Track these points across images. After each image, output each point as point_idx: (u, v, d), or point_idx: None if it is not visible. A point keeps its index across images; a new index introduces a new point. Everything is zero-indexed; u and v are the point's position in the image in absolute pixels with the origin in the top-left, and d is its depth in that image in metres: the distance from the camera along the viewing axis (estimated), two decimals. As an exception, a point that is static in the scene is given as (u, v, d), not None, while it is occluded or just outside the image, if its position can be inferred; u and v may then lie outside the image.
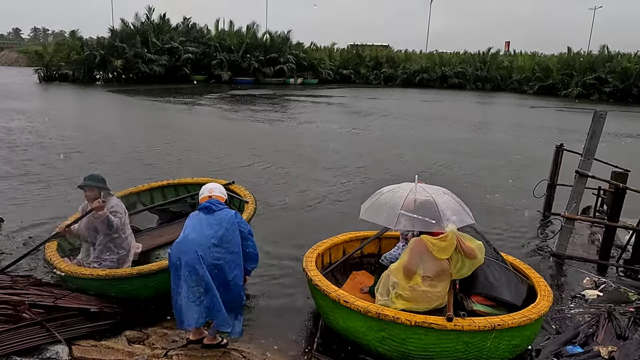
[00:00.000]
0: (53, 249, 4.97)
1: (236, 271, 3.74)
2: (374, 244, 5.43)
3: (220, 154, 12.57)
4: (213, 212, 3.85)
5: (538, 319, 3.79)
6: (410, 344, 3.74)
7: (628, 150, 15.40)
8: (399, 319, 3.68)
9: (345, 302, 3.90)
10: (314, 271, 4.41)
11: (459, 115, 25.29)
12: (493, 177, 11.13)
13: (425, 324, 3.62)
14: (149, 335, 4.20)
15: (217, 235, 3.69)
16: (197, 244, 3.64)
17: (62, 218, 7.06)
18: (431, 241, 3.96)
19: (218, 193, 4.09)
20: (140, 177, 9.41)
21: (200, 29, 50.01)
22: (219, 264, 3.64)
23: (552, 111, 29.81)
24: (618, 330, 4.49)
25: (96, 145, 13.25)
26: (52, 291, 4.45)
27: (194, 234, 3.72)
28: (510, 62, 50.21)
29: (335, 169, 11.34)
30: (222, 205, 3.94)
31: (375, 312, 3.75)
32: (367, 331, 3.90)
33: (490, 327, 3.61)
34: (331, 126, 18.80)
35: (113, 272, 4.55)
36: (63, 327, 3.82)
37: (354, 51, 55.40)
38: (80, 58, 41.06)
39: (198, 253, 3.59)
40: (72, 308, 4.08)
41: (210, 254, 3.63)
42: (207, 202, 3.93)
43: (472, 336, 3.65)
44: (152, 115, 21.23)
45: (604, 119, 6.03)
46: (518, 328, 3.72)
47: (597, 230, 7.62)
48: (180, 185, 6.79)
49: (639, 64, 40.61)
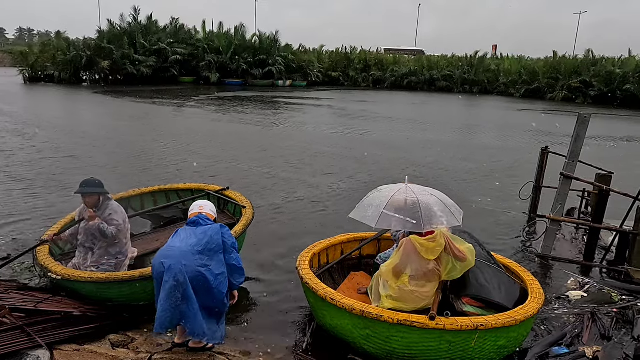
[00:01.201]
0: (45, 253, 4.84)
1: (220, 278, 3.71)
2: (373, 245, 5.42)
3: (209, 157, 12.49)
4: (201, 225, 3.86)
5: (524, 320, 3.79)
6: (394, 342, 3.77)
7: (612, 153, 15.63)
8: (382, 317, 3.71)
9: (332, 299, 3.93)
10: (305, 269, 4.44)
11: (447, 118, 25.48)
12: (479, 179, 11.22)
13: (407, 322, 3.65)
14: (134, 339, 4.15)
15: (201, 242, 3.69)
16: (180, 252, 3.62)
17: (46, 220, 7.02)
18: (419, 241, 3.98)
19: (208, 210, 4.07)
20: (130, 181, 9.31)
21: (189, 30, 49.73)
22: (202, 271, 3.62)
23: (538, 114, 30.17)
24: (602, 330, 4.55)
25: (82, 148, 13.10)
26: (35, 295, 4.38)
27: (179, 243, 3.71)
28: (498, 66, 50.75)
29: (326, 171, 11.33)
30: (210, 222, 3.94)
31: (360, 309, 3.78)
32: (352, 329, 3.93)
33: (473, 327, 3.62)
34: (321, 129, 18.79)
35: (114, 275, 4.46)
36: (44, 331, 3.76)
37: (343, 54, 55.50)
38: (66, 59, 40.56)
39: (182, 262, 3.56)
40: (54, 312, 4.01)
41: (194, 261, 3.61)
42: (195, 217, 3.93)
43: (455, 335, 3.66)
44: (140, 118, 21.03)
45: (588, 122, 6.11)
46: (502, 329, 3.73)
47: (581, 231, 7.71)
48: (171, 191, 6.70)
49: (623, 68, 41.27)
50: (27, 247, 5.19)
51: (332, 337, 4.24)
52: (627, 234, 6.19)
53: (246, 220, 5.42)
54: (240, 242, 5.31)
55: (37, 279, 5.01)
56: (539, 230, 7.54)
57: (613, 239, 6.52)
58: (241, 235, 5.30)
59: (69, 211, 5.71)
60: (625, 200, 6.39)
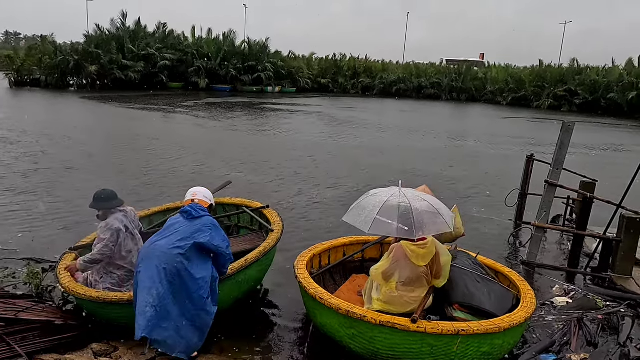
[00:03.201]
0: (68, 261, 4.62)
1: (200, 282, 3.63)
2: (376, 248, 5.43)
3: (200, 163, 12.42)
4: (193, 218, 3.78)
5: (509, 328, 3.79)
6: (378, 342, 3.81)
7: (596, 161, 15.85)
8: (366, 317, 3.76)
9: (321, 299, 4.00)
10: (301, 269, 4.51)
11: (435, 125, 25.66)
12: (466, 186, 11.29)
13: (389, 324, 3.70)
14: (117, 348, 4.08)
15: (187, 246, 3.62)
16: (161, 252, 3.55)
17: (31, 230, 6.93)
18: (410, 248, 4.03)
19: (201, 197, 4.02)
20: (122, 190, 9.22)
21: (177, 35, 49.61)
22: (183, 274, 3.55)
23: (524, 122, 30.53)
24: (589, 337, 4.59)
25: (71, 155, 12.94)
26: (16, 304, 4.29)
27: (163, 241, 3.63)
28: (485, 74, 51.37)
29: (316, 178, 11.32)
30: (204, 212, 3.87)
31: (345, 309, 3.84)
32: (339, 328, 4.00)
33: (454, 331, 3.64)
34: (311, 135, 18.80)
35: (104, 296, 4.08)
36: (25, 340, 3.69)
37: (332, 60, 55.74)
38: (53, 63, 40.16)
39: (161, 265, 3.50)
40: (35, 321, 3.94)
41: (175, 263, 3.53)
42: (188, 206, 3.85)
43: (436, 339, 3.68)
44: (128, 123, 20.88)
45: (572, 130, 6.19)
46: (486, 335, 3.74)
47: (566, 238, 7.79)
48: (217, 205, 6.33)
49: (607, 77, 42.01)
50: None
51: (329, 338, 4.28)
52: (611, 241, 6.28)
53: (264, 248, 4.78)
54: (260, 269, 4.97)
55: (26, 287, 4.93)
56: (525, 237, 7.61)
57: (597, 245, 6.60)
58: (254, 264, 4.67)
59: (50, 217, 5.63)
60: (609, 208, 6.48)
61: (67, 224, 7.32)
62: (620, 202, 6.35)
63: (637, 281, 5.98)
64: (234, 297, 4.64)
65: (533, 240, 6.49)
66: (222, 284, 4.19)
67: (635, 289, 5.79)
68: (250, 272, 4.67)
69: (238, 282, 4.53)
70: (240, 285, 4.61)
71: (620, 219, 6.18)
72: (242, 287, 4.68)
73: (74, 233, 6.85)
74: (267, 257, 4.99)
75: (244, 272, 4.50)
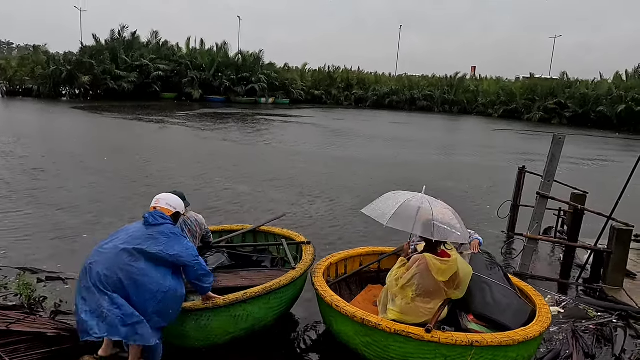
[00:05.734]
0: None
1: (159, 297, 3.48)
2: (393, 259, 5.39)
3: (194, 175, 12.39)
4: (149, 225, 3.65)
5: (524, 341, 3.78)
6: (392, 351, 3.84)
7: (586, 173, 16.04)
8: (380, 326, 3.80)
9: (337, 306, 4.06)
10: (318, 277, 4.58)
11: (428, 137, 25.85)
12: (459, 198, 11.35)
13: (403, 333, 3.73)
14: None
15: (133, 249, 3.48)
16: (108, 256, 3.44)
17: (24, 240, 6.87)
18: (433, 261, 4.04)
19: (164, 205, 3.85)
20: (115, 204, 9.19)
21: (172, 46, 49.80)
22: (126, 283, 3.41)
23: (515, 134, 30.85)
24: (586, 349, 4.62)
25: (63, 167, 12.88)
26: (8, 315, 4.25)
27: (110, 245, 3.52)
28: (476, 87, 51.99)
29: (306, 190, 11.34)
30: (164, 220, 3.71)
31: (360, 317, 3.89)
32: (354, 335, 4.05)
33: (468, 342, 3.65)
34: (305, 146, 18.88)
35: None
36: (16, 352, 3.65)
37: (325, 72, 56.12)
38: (45, 73, 40.09)
39: (102, 271, 3.38)
40: (26, 332, 3.90)
41: (121, 265, 3.42)
42: (147, 213, 3.75)
43: (450, 349, 3.69)
44: (120, 134, 20.83)
45: (562, 142, 6.27)
46: (500, 348, 3.73)
47: (558, 250, 7.86)
48: (259, 233, 5.88)
49: (596, 91, 42.68)
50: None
51: (344, 346, 4.30)
52: (602, 252, 6.34)
53: (271, 285, 4.28)
54: (268, 308, 4.38)
55: (17, 298, 4.87)
56: (517, 249, 7.65)
57: (588, 257, 6.67)
58: (256, 300, 4.20)
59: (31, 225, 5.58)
60: (600, 219, 6.56)
61: (58, 235, 7.26)
62: (611, 214, 6.43)
63: (628, 292, 6.03)
64: (228, 333, 4.14)
65: (525, 251, 6.53)
66: (215, 314, 3.96)
67: (626, 299, 5.84)
68: (251, 309, 4.17)
69: (233, 317, 4.09)
70: (236, 321, 4.12)
71: (611, 231, 6.25)
72: (239, 324, 4.15)
73: (67, 242, 6.83)
74: (278, 297, 4.42)
75: (240, 306, 4.08)
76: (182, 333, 3.98)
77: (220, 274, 4.83)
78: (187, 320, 3.94)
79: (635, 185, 6.91)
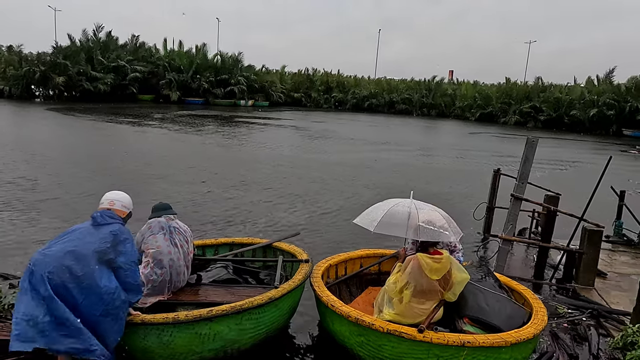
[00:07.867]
0: None
1: (103, 303, 3.36)
2: (393, 261, 5.41)
3: (172, 181, 12.23)
4: (97, 225, 3.53)
5: (516, 343, 3.79)
6: (386, 350, 3.87)
7: (559, 175, 16.40)
8: (374, 325, 3.83)
9: (332, 306, 4.12)
10: (317, 278, 4.63)
11: (406, 140, 26.07)
12: (436, 199, 11.44)
13: (396, 332, 3.76)
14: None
15: (81, 253, 3.36)
16: (54, 257, 3.30)
17: None
18: (426, 260, 4.14)
19: (119, 207, 3.73)
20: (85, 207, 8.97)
21: (149, 48, 49.18)
22: (70, 286, 3.27)
23: (491, 137, 31.38)
24: (568, 349, 4.69)
25: (32, 169, 12.54)
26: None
27: (56, 247, 3.38)
28: (454, 90, 52.78)
29: (287, 194, 11.30)
30: (113, 219, 3.60)
31: (355, 317, 3.94)
32: (349, 335, 4.09)
33: (459, 343, 3.67)
34: (284, 150, 18.82)
35: None
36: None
37: (305, 75, 56.20)
38: (17, 73, 39.10)
39: (45, 274, 3.22)
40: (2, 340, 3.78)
41: (64, 268, 3.27)
42: (98, 212, 3.62)
43: (442, 350, 3.71)
44: (94, 136, 20.45)
45: (535, 145, 6.39)
46: (492, 349, 3.74)
47: (532, 250, 8.00)
48: (269, 247, 5.64)
49: (570, 95, 43.77)
50: None
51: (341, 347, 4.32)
52: (574, 252, 6.48)
53: (244, 303, 3.93)
54: (240, 330, 4.02)
55: None
56: (492, 249, 7.77)
57: (561, 257, 6.80)
58: (226, 319, 3.89)
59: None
60: (572, 221, 6.70)
61: (24, 239, 7.07)
62: (582, 215, 6.58)
63: (599, 291, 6.18)
64: (195, 353, 3.85)
65: (500, 252, 6.63)
66: (178, 330, 3.72)
67: (597, 299, 5.98)
68: (219, 328, 3.84)
69: (199, 335, 3.79)
70: (202, 340, 3.81)
71: (583, 232, 6.40)
72: (205, 344, 3.83)
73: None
74: (253, 318, 4.02)
75: (206, 324, 3.78)
76: (145, 348, 3.78)
77: (213, 288, 4.67)
78: (149, 334, 3.74)
79: (605, 188, 7.09)
